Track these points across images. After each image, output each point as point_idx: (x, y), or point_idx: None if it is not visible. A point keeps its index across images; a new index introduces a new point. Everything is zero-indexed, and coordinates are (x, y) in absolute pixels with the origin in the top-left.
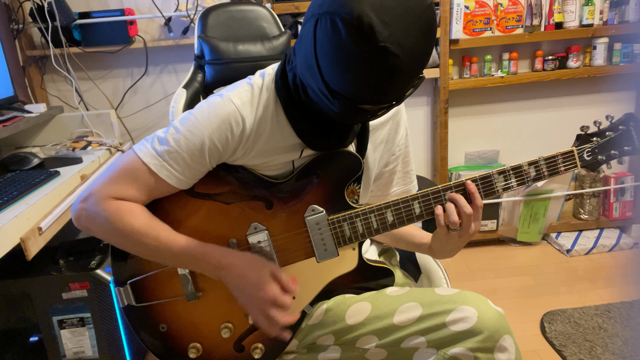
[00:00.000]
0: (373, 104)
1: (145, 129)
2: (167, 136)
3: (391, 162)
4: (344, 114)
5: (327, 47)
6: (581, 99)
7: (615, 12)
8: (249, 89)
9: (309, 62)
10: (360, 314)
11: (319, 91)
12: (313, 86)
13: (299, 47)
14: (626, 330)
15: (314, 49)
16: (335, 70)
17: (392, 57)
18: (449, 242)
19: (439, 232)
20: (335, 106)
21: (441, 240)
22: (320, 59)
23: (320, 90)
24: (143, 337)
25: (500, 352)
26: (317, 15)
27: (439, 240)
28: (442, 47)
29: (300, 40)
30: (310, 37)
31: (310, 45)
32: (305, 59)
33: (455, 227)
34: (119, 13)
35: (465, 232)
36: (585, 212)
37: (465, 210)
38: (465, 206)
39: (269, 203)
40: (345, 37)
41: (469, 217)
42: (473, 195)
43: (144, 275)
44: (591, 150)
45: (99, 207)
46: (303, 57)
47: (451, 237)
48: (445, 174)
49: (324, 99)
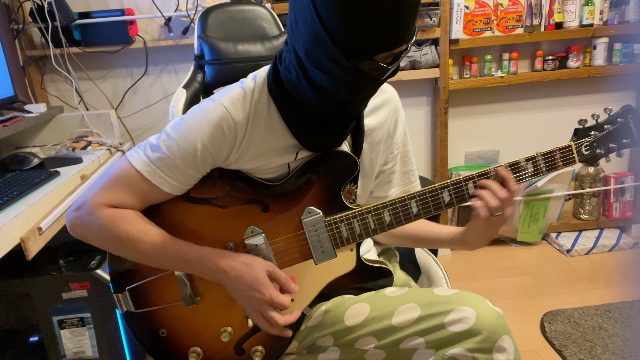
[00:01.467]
0: (387, 48)
1: (145, 129)
2: (159, 142)
3: (390, 160)
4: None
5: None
6: (581, 99)
7: (615, 12)
8: (241, 93)
9: (313, 33)
10: (359, 315)
11: (330, 63)
12: (323, 60)
13: (293, 32)
14: (626, 330)
15: (315, 13)
16: (343, 21)
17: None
18: (489, 229)
19: (480, 221)
20: (350, 73)
21: (479, 230)
22: (326, 19)
23: (333, 60)
24: (143, 343)
25: (499, 353)
26: None
27: (477, 230)
28: (442, 47)
29: (295, 21)
30: (308, 4)
31: (310, 12)
32: (307, 33)
33: (497, 211)
34: (119, 13)
35: (504, 216)
36: (585, 212)
37: (502, 194)
38: (500, 190)
39: (265, 206)
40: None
41: (505, 200)
42: (508, 181)
43: (143, 281)
44: (589, 144)
45: (93, 216)
46: (304, 34)
47: (492, 224)
48: (445, 174)
49: (336, 72)
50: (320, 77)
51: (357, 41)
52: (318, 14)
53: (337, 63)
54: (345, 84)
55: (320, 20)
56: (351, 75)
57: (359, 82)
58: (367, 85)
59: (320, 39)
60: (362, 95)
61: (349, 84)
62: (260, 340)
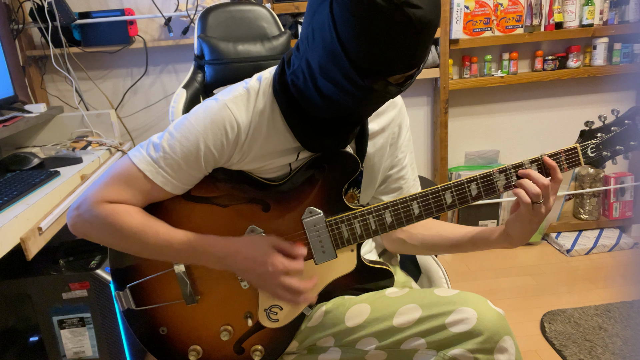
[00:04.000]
0: (402, 71)
1: (145, 129)
2: (162, 142)
3: (395, 164)
4: (369, 98)
5: (349, 21)
6: (581, 98)
7: (615, 12)
8: (245, 93)
9: (330, 49)
10: (359, 316)
11: (344, 80)
12: (336, 76)
13: (309, 44)
14: (626, 330)
15: (334, 31)
16: (362, 43)
17: (416, 9)
18: (531, 221)
19: (523, 211)
20: (362, 91)
21: (524, 220)
22: (344, 38)
23: (347, 77)
24: (144, 341)
25: (500, 353)
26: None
27: (521, 221)
28: (442, 47)
29: (312, 34)
30: (328, 21)
31: (329, 29)
32: (324, 49)
33: (539, 199)
34: (118, 13)
35: (547, 204)
36: (585, 212)
37: (543, 181)
38: (541, 177)
39: (266, 205)
40: (367, 2)
41: (547, 188)
42: (554, 170)
43: (143, 279)
44: (595, 146)
45: (94, 212)
46: (320, 49)
47: (535, 213)
48: (445, 174)
49: (349, 88)
50: (331, 89)
51: (375, 64)
52: (337, 33)
53: (351, 81)
54: (355, 98)
55: (339, 40)
56: (362, 92)
57: (369, 98)
58: (377, 101)
59: (336, 57)
60: (370, 108)
61: (358, 99)
62: (259, 339)
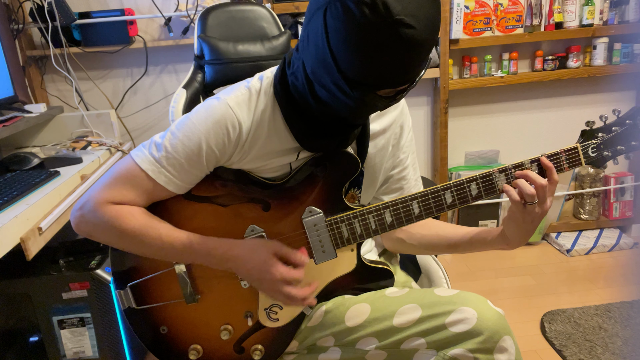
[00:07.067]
0: (392, 86)
1: (145, 129)
2: (164, 141)
3: (397, 165)
4: (360, 107)
5: (341, 33)
6: (581, 98)
7: (615, 12)
8: (247, 93)
9: (321, 57)
10: (359, 316)
11: (334, 87)
12: (327, 82)
13: (305, 47)
14: (626, 330)
15: (326, 40)
16: (352, 55)
17: (408, 29)
18: (526, 220)
19: (515, 210)
20: (352, 100)
21: (517, 220)
22: (335, 49)
23: (337, 85)
24: (144, 339)
25: (500, 353)
26: (325, 4)
27: (515, 221)
28: (442, 47)
29: (307, 38)
30: (321, 29)
31: (321, 37)
32: (316, 55)
33: (533, 199)
34: (118, 13)
35: (542, 205)
36: (585, 212)
37: (540, 181)
38: (538, 178)
39: (266, 205)
40: (359, 17)
41: (543, 189)
42: (550, 171)
43: (144, 278)
44: (596, 146)
45: (98, 213)
46: (313, 54)
47: (529, 213)
48: (445, 174)
49: (339, 95)
50: (324, 95)
51: (364, 78)
52: (329, 43)
53: (341, 90)
54: (346, 106)
55: (330, 49)
56: (353, 101)
57: (360, 108)
58: (367, 110)
59: (327, 66)
60: (364, 116)
61: (350, 108)
62: (260, 339)
